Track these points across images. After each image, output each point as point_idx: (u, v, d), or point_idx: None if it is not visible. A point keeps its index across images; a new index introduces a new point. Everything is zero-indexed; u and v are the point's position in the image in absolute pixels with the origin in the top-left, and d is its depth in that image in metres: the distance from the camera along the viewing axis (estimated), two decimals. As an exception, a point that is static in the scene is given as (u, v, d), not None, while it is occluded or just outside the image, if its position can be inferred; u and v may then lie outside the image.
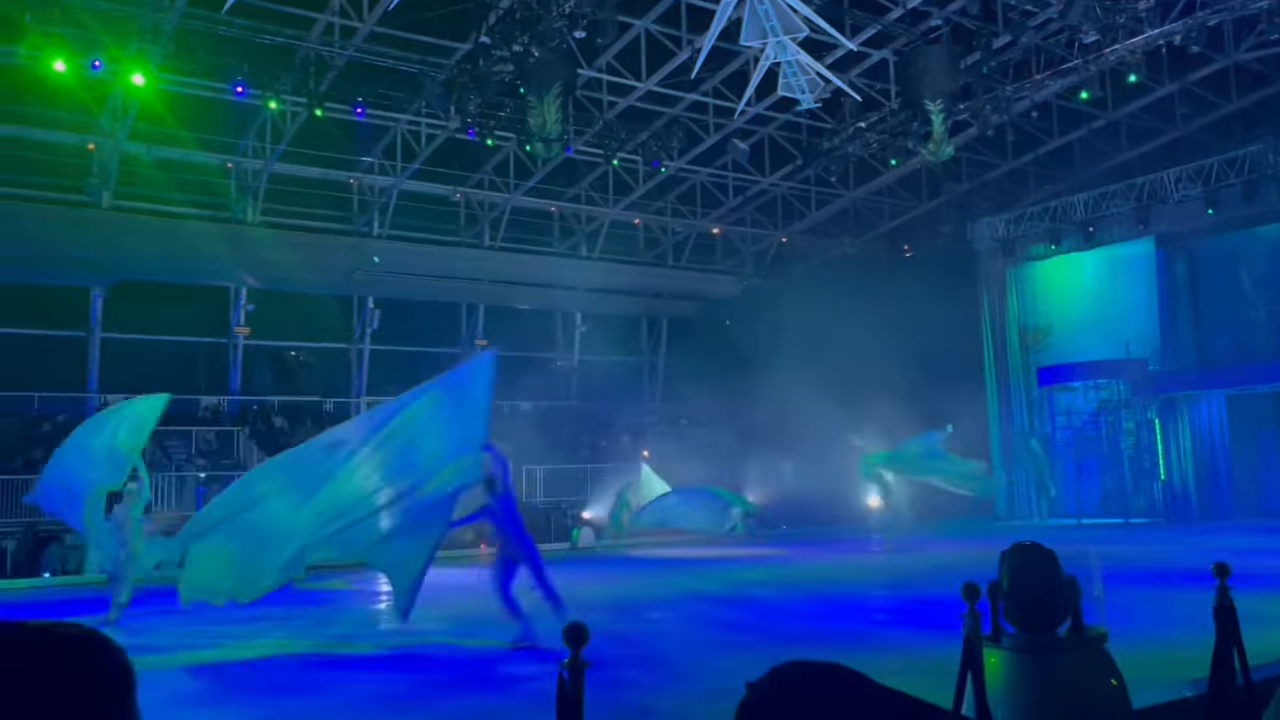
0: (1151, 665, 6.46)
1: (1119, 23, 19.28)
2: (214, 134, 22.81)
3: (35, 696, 0.95)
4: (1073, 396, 25.71)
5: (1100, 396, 24.35)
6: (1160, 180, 25.02)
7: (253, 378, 26.04)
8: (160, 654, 9.77)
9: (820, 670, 1.40)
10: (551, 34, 17.64)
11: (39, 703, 0.95)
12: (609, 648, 8.71)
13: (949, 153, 21.46)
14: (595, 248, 29.84)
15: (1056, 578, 4.56)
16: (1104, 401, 23.79)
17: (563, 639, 2.55)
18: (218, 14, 17.88)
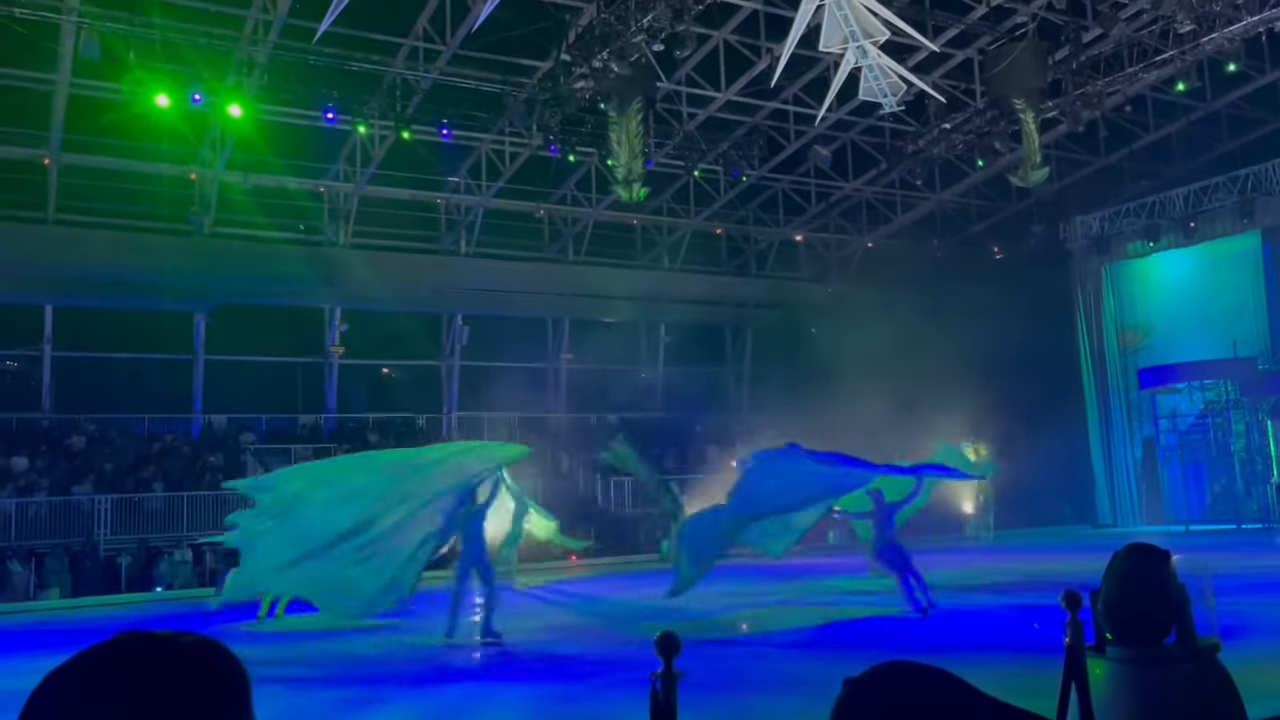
0: (1267, 676, 6.19)
1: (1216, 10, 18.60)
2: (306, 160, 23.57)
3: (161, 704, 1.01)
4: (1177, 398, 24.80)
5: (1206, 398, 23.43)
6: (1265, 171, 24.02)
7: (348, 396, 26.75)
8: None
9: (921, 672, 1.39)
10: (630, 49, 17.77)
11: (164, 710, 1.01)
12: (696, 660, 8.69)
13: (1042, 177, 21.07)
14: (678, 259, 29.89)
15: (1166, 584, 4.40)
16: (1210, 403, 22.89)
17: (655, 649, 2.55)
18: (308, 44, 18.48)
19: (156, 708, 1.00)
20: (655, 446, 25.62)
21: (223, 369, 25.31)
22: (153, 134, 20.82)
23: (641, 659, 2.64)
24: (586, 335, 29.14)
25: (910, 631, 10.94)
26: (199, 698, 1.02)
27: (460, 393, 27.78)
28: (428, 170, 24.81)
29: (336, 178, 24.69)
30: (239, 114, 19.53)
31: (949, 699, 1.37)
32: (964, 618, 11.82)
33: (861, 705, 1.37)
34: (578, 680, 9.08)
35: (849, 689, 1.39)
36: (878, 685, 1.37)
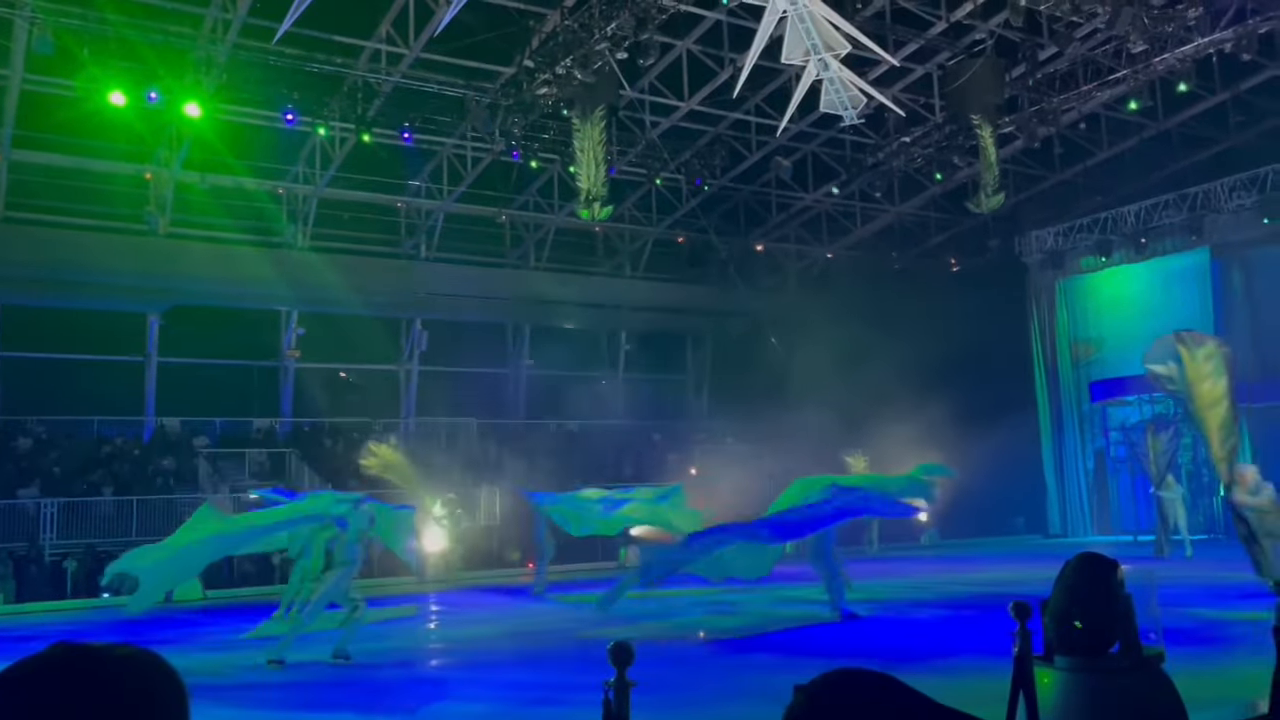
0: (1210, 686, 6.32)
1: (1168, 32, 19.02)
2: (265, 161, 23.31)
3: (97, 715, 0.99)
4: (1127, 411, 25.22)
5: (1155, 410, 23.83)
6: (1214, 190, 24.56)
7: (304, 400, 26.44)
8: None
9: (870, 679, 1.41)
10: (594, 56, 17.80)
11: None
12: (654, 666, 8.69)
13: (998, 203, 21.45)
14: (640, 266, 29.94)
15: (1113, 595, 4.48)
16: (1159, 415, 23.28)
17: (608, 658, 2.56)
18: (268, 44, 18.30)
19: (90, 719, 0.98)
20: (614, 454, 25.63)
21: (176, 371, 24.92)
22: (107, 132, 20.50)
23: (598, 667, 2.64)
24: (547, 342, 29.09)
25: (862, 639, 11.02)
26: (131, 711, 1.00)
27: (418, 398, 27.59)
28: (388, 173, 24.64)
29: (296, 179, 24.45)
30: (197, 113, 19.28)
31: (898, 705, 1.39)
32: (916, 626, 11.93)
33: (813, 712, 1.39)
34: (531, 689, 9.04)
35: (801, 696, 1.40)
36: (829, 692, 1.39)
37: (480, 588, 19.18)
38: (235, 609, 16.78)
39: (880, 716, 1.39)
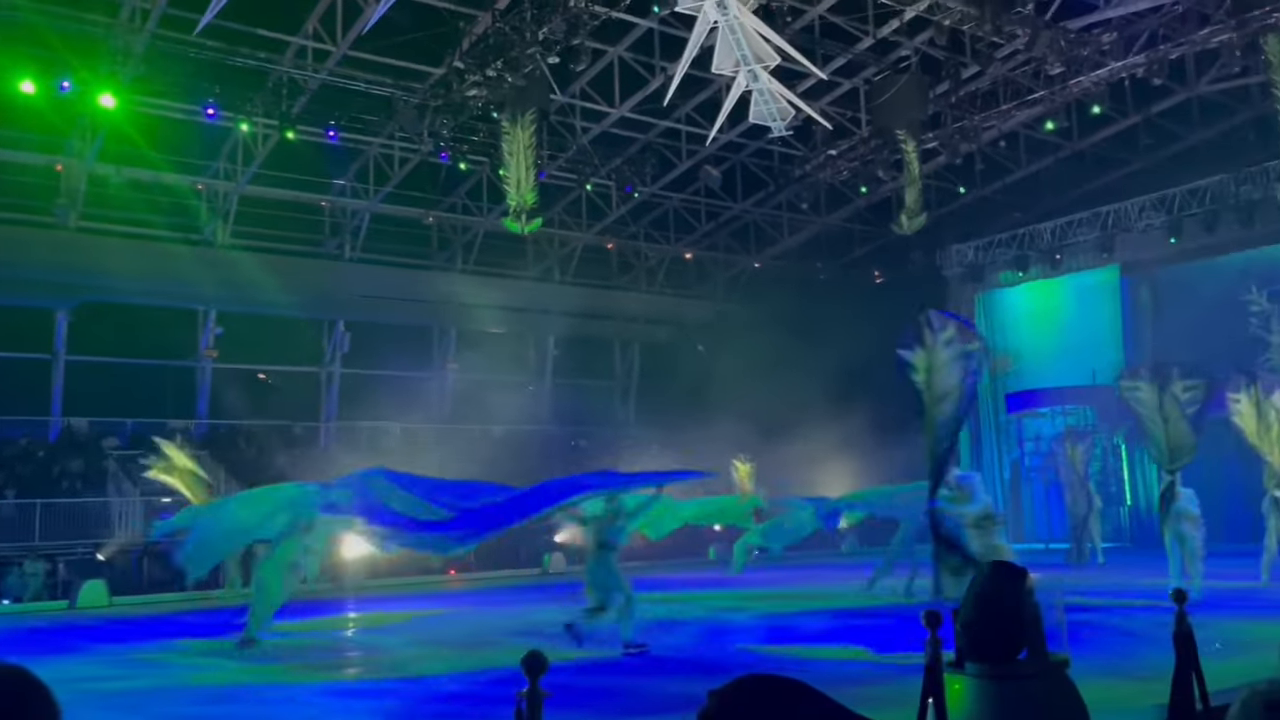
0: (1113, 692, 6.51)
1: (1083, 55, 19.64)
2: (185, 155, 22.68)
3: None
4: (1040, 422, 25.94)
5: (1067, 422, 24.58)
6: (1125, 209, 25.42)
7: (220, 401, 25.76)
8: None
9: (782, 684, 1.41)
10: (525, 60, 17.73)
11: None
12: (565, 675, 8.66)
13: (920, 224, 21.97)
14: (569, 272, 29.87)
15: (1021, 603, 4.58)
16: (1071, 427, 24.00)
17: (521, 668, 2.54)
18: (189, 36, 17.83)
19: None
20: (539, 459, 25.46)
21: (85, 370, 24.07)
22: (16, 122, 19.76)
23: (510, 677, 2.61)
24: (473, 345, 28.81)
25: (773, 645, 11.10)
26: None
27: (340, 401, 27.10)
28: (313, 172, 24.18)
29: (217, 175, 23.84)
30: (112, 104, 18.69)
31: (807, 710, 1.39)
32: (832, 633, 12.07)
33: (725, 717, 1.38)
34: (442, 701, 8.93)
35: (713, 700, 1.40)
36: (740, 696, 1.39)
37: (398, 596, 18.91)
38: (144, 619, 16.27)
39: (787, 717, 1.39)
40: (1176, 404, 13.52)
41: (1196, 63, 22.47)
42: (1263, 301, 24.29)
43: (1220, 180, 23.52)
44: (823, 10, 19.73)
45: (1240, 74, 21.37)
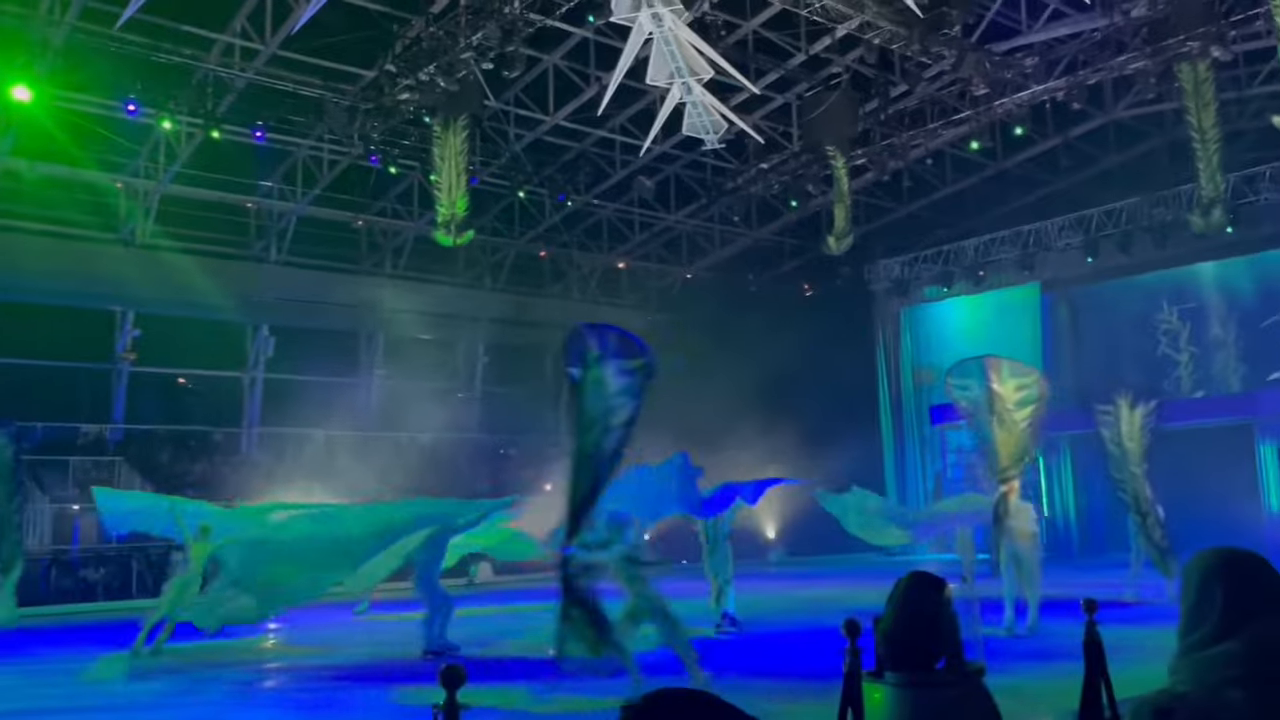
0: (1027, 699, 6.66)
1: (1007, 78, 20.19)
2: (105, 152, 21.99)
3: None
4: (962, 434, 26.46)
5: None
6: (1046, 228, 26.17)
7: (138, 406, 25.00)
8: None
9: (694, 698, 1.41)
10: (458, 65, 17.61)
11: None
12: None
13: (847, 245, 22.43)
14: (500, 279, 29.69)
15: (939, 612, 4.66)
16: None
17: (439, 681, 2.50)
18: (110, 30, 17.35)
19: None
20: (467, 467, 25.27)
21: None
22: (-77, 112, 19.00)
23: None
24: (402, 352, 28.42)
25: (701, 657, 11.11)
26: None
27: (263, 407, 26.51)
28: (239, 172, 23.66)
29: (138, 174, 23.18)
30: (27, 97, 18.08)
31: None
32: (750, 643, 12.15)
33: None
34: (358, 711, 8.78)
35: (626, 714, 1.39)
36: (652, 710, 1.39)
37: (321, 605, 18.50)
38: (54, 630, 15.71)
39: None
40: (1007, 405, 12.05)
41: (1114, 88, 23.26)
42: (1173, 319, 25.20)
43: (1135, 202, 24.35)
44: (756, 25, 19.98)
45: (1155, 100, 22.21)
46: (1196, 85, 18.36)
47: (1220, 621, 1.79)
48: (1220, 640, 1.78)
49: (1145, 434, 14.25)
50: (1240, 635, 1.76)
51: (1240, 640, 1.76)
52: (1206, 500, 20.12)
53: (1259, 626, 1.77)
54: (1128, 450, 14.33)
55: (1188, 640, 1.83)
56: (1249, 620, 1.78)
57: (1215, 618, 1.80)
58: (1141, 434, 14.25)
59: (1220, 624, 1.79)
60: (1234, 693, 1.72)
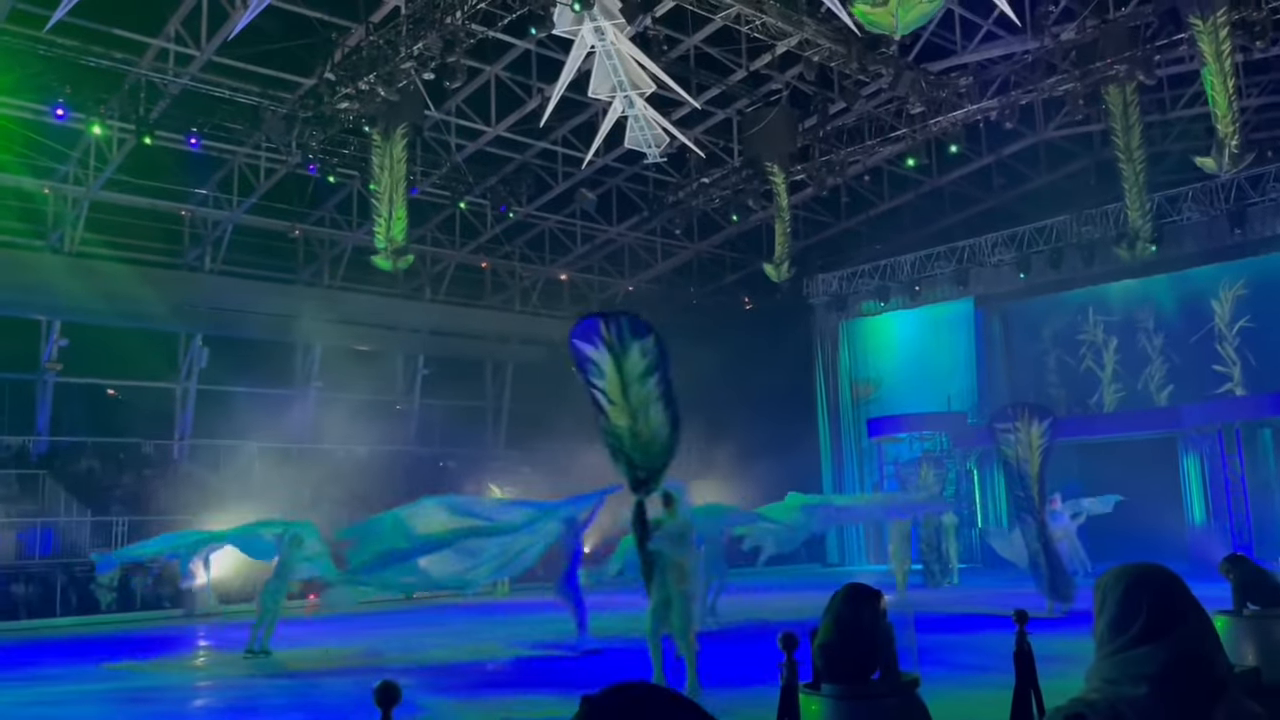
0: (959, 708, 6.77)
1: (942, 97, 20.62)
2: (30, 157, 21.38)
3: None
4: (899, 447, 26.91)
5: (924, 447, 25.55)
6: (979, 245, 26.73)
7: (64, 417, 24.29)
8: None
9: (655, 692, 1.42)
10: (399, 74, 17.47)
11: None
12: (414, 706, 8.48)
13: (788, 273, 22.82)
14: (440, 290, 29.46)
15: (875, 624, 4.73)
16: (927, 452, 24.97)
17: (374, 699, 2.48)
18: (39, 32, 16.91)
19: None
20: (404, 480, 24.96)
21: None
22: None
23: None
24: (340, 363, 28.01)
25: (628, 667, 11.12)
26: None
27: (195, 418, 25.94)
28: (172, 180, 23.18)
29: (66, 179, 22.59)
30: (-51, 99, 17.54)
31: (685, 715, 1.41)
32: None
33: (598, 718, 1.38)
34: None
35: (587, 706, 1.40)
36: (615, 703, 1.39)
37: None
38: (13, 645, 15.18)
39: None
40: (1033, 446, 12.64)
41: (1044, 109, 23.90)
42: (1100, 335, 25.88)
43: (1065, 220, 24.99)
44: (698, 41, 20.15)
45: (1083, 121, 22.84)
46: (1123, 107, 18.94)
47: (1144, 628, 1.85)
48: (1142, 645, 1.84)
49: (1041, 452, 14.48)
50: (1163, 640, 1.83)
51: (1162, 644, 1.82)
52: (1131, 512, 20.66)
53: (1182, 631, 1.84)
54: (1026, 466, 14.56)
55: (1106, 649, 1.89)
56: (1173, 628, 1.84)
57: (1139, 626, 1.86)
58: (1038, 451, 14.48)
59: (1144, 630, 1.85)
60: (1141, 689, 1.78)
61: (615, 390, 8.78)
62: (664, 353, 8.96)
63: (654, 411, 8.81)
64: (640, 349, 8.80)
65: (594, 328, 8.84)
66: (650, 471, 8.85)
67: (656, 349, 8.88)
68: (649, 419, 8.79)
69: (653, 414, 8.80)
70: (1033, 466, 14.40)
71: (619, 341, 8.76)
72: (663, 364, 8.91)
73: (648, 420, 8.79)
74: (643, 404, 8.79)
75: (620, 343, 8.76)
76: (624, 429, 8.80)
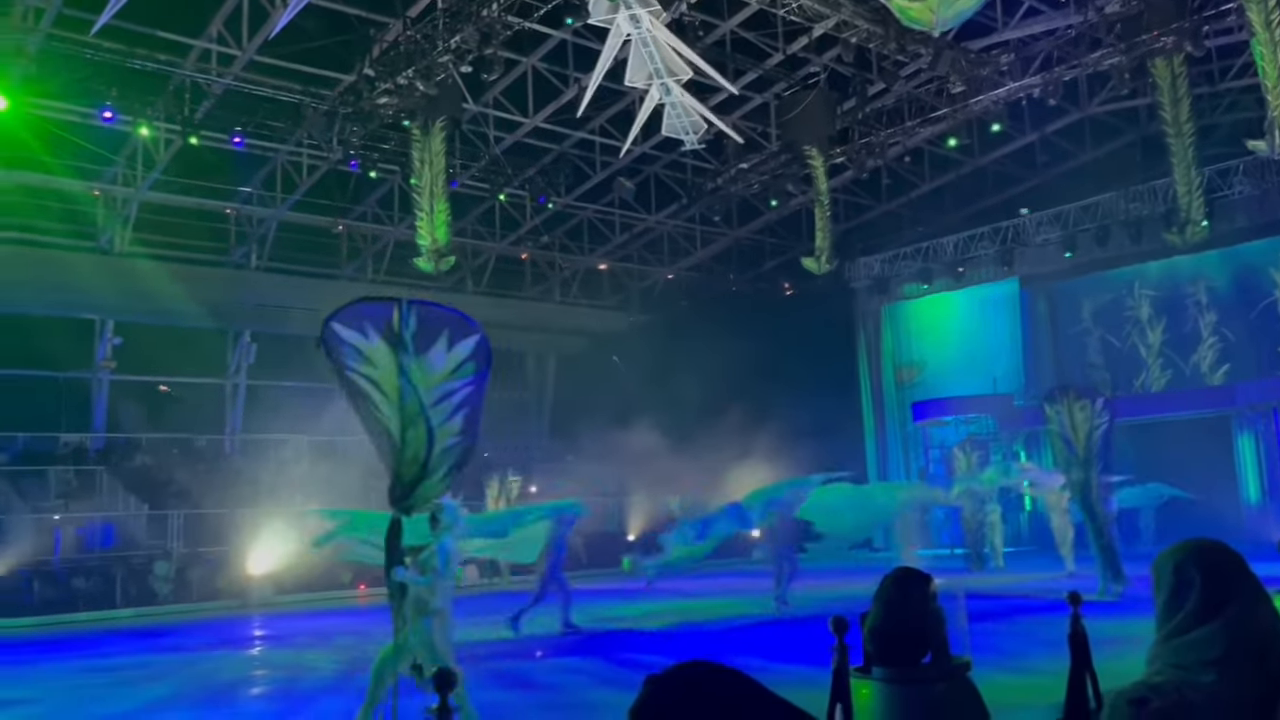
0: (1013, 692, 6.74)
1: (983, 75, 20.32)
2: (81, 160, 21.81)
3: None
4: (945, 431, 26.67)
5: (970, 430, 25.31)
6: (1023, 224, 26.35)
7: (119, 414, 24.83)
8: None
9: (720, 671, 1.43)
10: (437, 68, 17.59)
11: None
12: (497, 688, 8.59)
13: (830, 266, 22.65)
14: (482, 282, 29.64)
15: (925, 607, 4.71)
16: (972, 435, 24.72)
17: (432, 685, 2.53)
18: (85, 36, 17.23)
19: None
20: (452, 471, 25.16)
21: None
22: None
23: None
24: (384, 356, 28.27)
25: (685, 648, 11.18)
26: None
27: (245, 413, 26.37)
28: (218, 179, 23.54)
29: (115, 181, 23.02)
30: (3, 106, 17.93)
31: (747, 696, 1.43)
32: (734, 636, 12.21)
33: (665, 702, 1.40)
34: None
35: (652, 687, 1.42)
36: (681, 682, 1.41)
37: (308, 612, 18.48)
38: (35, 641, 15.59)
39: (728, 704, 1.42)
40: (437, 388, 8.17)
41: (1089, 84, 23.46)
42: (1145, 311, 25.44)
43: (1111, 197, 24.55)
44: (734, 26, 20.04)
45: (1129, 96, 22.40)
46: (1171, 80, 18.55)
47: (1199, 606, 1.84)
48: (1198, 625, 1.83)
49: (1095, 431, 14.29)
50: (1218, 618, 1.82)
51: (1218, 623, 1.81)
52: (1186, 491, 20.34)
53: (1235, 609, 1.82)
54: (1076, 446, 14.37)
55: (1165, 629, 1.89)
56: (1226, 604, 1.83)
57: (1193, 604, 1.85)
58: (1090, 431, 14.28)
59: (1199, 609, 1.84)
60: (1207, 675, 1.77)
61: (390, 384, 7.56)
62: (487, 358, 7.87)
63: (437, 418, 7.52)
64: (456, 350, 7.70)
65: (374, 314, 7.67)
66: (406, 487, 7.56)
67: (477, 351, 7.79)
68: (432, 427, 7.49)
69: (436, 422, 7.51)
70: (1083, 447, 14.21)
71: (415, 337, 7.54)
72: (480, 372, 7.79)
73: (439, 428, 7.51)
74: (431, 408, 7.52)
75: (418, 338, 7.54)
76: (395, 430, 7.54)
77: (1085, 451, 14.25)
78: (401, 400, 7.46)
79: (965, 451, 22.29)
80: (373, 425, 7.64)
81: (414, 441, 7.50)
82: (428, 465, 7.53)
